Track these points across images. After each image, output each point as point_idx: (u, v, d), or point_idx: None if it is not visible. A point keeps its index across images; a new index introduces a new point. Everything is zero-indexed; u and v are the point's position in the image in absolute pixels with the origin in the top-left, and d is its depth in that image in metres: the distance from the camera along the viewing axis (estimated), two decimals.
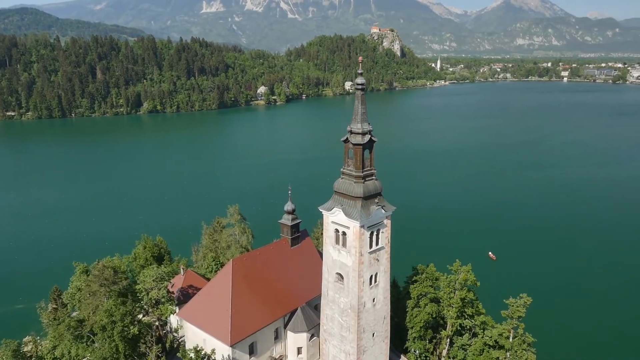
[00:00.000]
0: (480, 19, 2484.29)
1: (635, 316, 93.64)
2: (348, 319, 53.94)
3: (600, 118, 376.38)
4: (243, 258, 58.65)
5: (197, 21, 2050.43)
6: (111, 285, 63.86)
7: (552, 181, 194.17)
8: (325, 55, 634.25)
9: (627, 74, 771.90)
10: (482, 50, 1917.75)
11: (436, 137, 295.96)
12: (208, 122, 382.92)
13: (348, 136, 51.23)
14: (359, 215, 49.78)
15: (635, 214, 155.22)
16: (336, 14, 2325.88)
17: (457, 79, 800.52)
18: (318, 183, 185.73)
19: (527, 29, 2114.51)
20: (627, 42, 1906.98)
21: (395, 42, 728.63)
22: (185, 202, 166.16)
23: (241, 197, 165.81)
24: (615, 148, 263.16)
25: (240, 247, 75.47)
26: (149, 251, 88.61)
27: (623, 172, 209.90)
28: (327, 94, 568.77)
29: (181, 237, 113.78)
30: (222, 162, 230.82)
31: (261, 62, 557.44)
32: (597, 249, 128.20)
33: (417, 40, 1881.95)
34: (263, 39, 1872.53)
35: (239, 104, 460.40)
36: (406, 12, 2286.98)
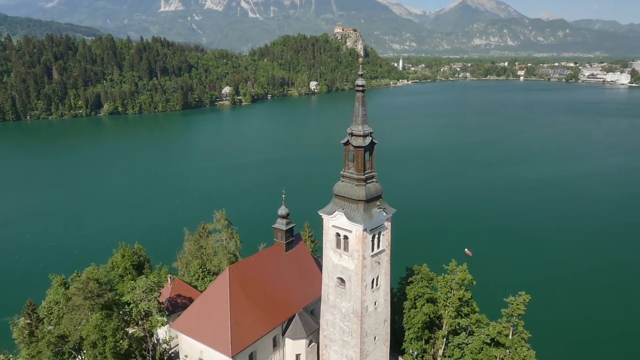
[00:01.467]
0: (439, 20, 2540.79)
1: (616, 307, 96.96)
2: (350, 323, 53.15)
3: (558, 116, 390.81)
4: (239, 265, 56.89)
5: (156, 20, 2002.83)
6: (96, 298, 60.71)
7: (519, 178, 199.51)
8: (289, 55, 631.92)
9: (579, 72, 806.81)
10: (441, 50, 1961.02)
11: (402, 137, 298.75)
12: (173, 123, 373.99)
13: (349, 138, 50.32)
14: (361, 219, 49.06)
15: (601, 208, 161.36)
16: (297, 14, 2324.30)
17: (419, 78, 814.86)
18: (294, 184, 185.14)
19: (484, 29, 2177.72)
20: (576, 42, 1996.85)
21: (358, 42, 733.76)
22: (160, 207, 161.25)
23: (218, 200, 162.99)
24: (573, 145, 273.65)
25: (228, 254, 73.42)
26: (128, 260, 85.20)
27: (584, 168, 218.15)
28: (292, 93, 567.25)
29: (160, 244, 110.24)
30: (192, 165, 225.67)
31: (225, 62, 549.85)
32: (573, 243, 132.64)
33: (378, 40, 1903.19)
34: (224, 38, 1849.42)
35: (203, 105, 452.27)
36: (367, 12, 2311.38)
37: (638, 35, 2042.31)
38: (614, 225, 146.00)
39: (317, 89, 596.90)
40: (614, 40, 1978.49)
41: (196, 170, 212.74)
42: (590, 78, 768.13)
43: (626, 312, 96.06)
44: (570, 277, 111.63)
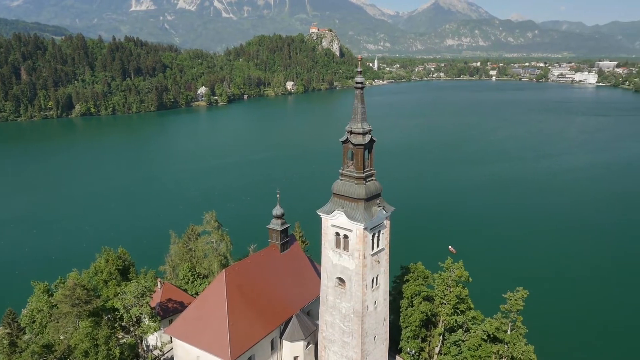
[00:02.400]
0: (412, 20, 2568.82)
1: (605, 299, 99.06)
2: (351, 324, 52.49)
3: (531, 115, 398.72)
4: (235, 267, 55.54)
5: (127, 20, 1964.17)
6: (83, 305, 58.51)
7: (498, 176, 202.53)
8: (265, 54, 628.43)
9: (549, 72, 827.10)
10: (414, 50, 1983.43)
11: (380, 137, 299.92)
12: (150, 124, 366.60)
13: (348, 136, 49.63)
14: (362, 218, 48.46)
15: (580, 203, 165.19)
16: (272, 14, 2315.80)
17: (394, 78, 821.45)
18: (277, 184, 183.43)
19: (456, 30, 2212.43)
20: (545, 42, 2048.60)
21: (334, 42, 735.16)
22: (142, 210, 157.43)
23: (201, 201, 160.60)
24: (548, 143, 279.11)
25: (219, 256, 71.79)
26: (113, 264, 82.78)
27: (559, 164, 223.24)
28: (269, 94, 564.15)
29: (144, 247, 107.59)
30: (173, 166, 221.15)
31: (200, 62, 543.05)
32: (557, 237, 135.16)
33: (353, 41, 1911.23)
34: (197, 38, 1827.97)
35: (179, 105, 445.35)
36: (341, 12, 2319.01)
37: (603, 37, 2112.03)
38: (595, 219, 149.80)
39: (294, 89, 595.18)
40: (580, 41, 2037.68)
41: (177, 172, 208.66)
42: (559, 78, 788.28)
43: (614, 303, 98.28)
44: (557, 271, 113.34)
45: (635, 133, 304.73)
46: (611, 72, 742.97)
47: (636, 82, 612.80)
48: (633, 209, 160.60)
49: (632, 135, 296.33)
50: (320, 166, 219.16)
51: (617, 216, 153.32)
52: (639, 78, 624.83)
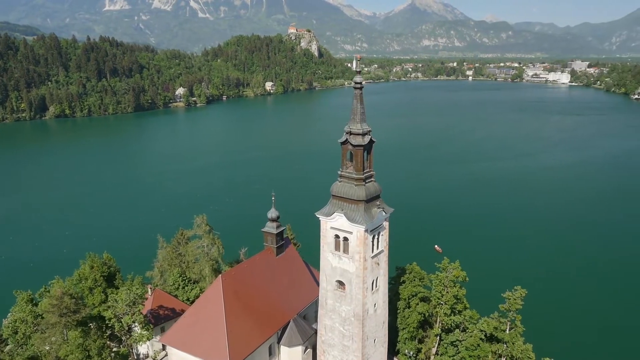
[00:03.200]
0: (389, 21, 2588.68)
1: (592, 295, 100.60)
2: (351, 327, 51.75)
3: (507, 114, 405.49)
4: (231, 272, 54.23)
5: (100, 19, 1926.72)
6: (72, 314, 56.34)
7: (480, 175, 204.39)
8: (243, 55, 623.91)
9: (523, 72, 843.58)
10: (391, 51, 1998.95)
11: None
12: (127, 125, 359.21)
13: (347, 137, 48.89)
14: (363, 220, 47.78)
15: (562, 201, 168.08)
16: (248, 14, 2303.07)
17: (372, 79, 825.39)
18: (260, 186, 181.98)
19: (432, 30, 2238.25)
20: (518, 43, 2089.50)
21: (312, 43, 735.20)
22: (125, 214, 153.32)
23: (185, 205, 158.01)
24: (525, 141, 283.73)
25: (210, 260, 70.16)
26: (98, 271, 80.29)
27: (538, 163, 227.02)
28: (248, 94, 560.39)
29: (130, 252, 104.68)
30: (154, 168, 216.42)
31: (177, 62, 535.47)
32: (542, 235, 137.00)
33: (330, 41, 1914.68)
34: (173, 38, 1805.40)
35: (156, 107, 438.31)
36: (318, 13, 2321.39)
37: (574, 37, 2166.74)
38: (581, 216, 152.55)
39: (273, 89, 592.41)
40: (552, 41, 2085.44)
41: (160, 174, 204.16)
42: (533, 78, 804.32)
43: (605, 298, 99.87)
44: (547, 268, 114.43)
45: (609, 132, 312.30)
46: (583, 72, 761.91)
47: (607, 82, 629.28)
48: (618, 205, 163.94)
49: (606, 134, 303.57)
50: (307, 167, 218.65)
51: (604, 212, 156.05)
52: (609, 78, 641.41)
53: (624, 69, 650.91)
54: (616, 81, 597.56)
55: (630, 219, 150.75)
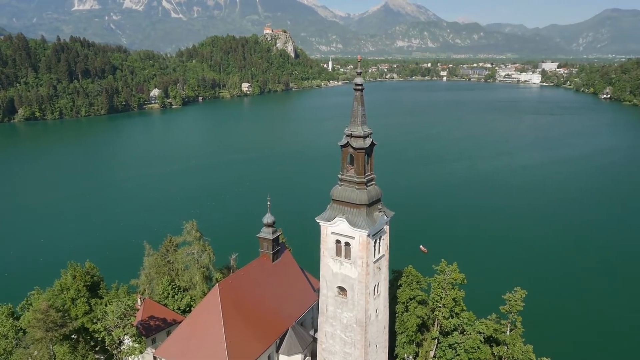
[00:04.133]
0: (363, 22, 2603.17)
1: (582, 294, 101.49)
2: (353, 334, 50.67)
3: (483, 114, 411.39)
4: (228, 281, 52.46)
5: (69, 19, 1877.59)
6: (59, 329, 53.62)
7: (460, 174, 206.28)
8: (219, 56, 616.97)
9: (496, 73, 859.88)
10: (366, 52, 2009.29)
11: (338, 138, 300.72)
12: (101, 128, 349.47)
13: (348, 140, 47.76)
14: (365, 224, 46.79)
15: (544, 198, 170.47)
16: (222, 14, 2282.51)
17: (349, 79, 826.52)
18: (240, 189, 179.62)
19: (406, 31, 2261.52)
20: (490, 44, 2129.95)
21: (288, 43, 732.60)
22: (105, 220, 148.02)
23: (166, 211, 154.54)
24: (502, 141, 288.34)
25: (201, 268, 67.98)
26: (80, 280, 77.26)
27: (515, 162, 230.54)
28: (224, 95, 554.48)
29: (112, 260, 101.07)
30: (130, 172, 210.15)
31: (151, 63, 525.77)
32: (526, 233, 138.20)
33: (305, 42, 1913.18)
34: (145, 39, 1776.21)
35: (131, 108, 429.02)
36: (293, 14, 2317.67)
37: (543, 39, 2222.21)
38: (563, 213, 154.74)
39: (250, 90, 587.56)
40: (522, 42, 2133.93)
41: (137, 178, 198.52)
42: (506, 78, 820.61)
43: (593, 295, 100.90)
44: (535, 267, 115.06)
45: (583, 131, 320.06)
46: (553, 72, 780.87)
47: (576, 82, 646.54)
48: (603, 202, 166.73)
49: (580, 133, 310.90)
50: (291, 168, 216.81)
51: (590, 210, 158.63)
52: (578, 78, 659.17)
53: (592, 70, 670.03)
54: (585, 81, 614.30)
55: (616, 216, 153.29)
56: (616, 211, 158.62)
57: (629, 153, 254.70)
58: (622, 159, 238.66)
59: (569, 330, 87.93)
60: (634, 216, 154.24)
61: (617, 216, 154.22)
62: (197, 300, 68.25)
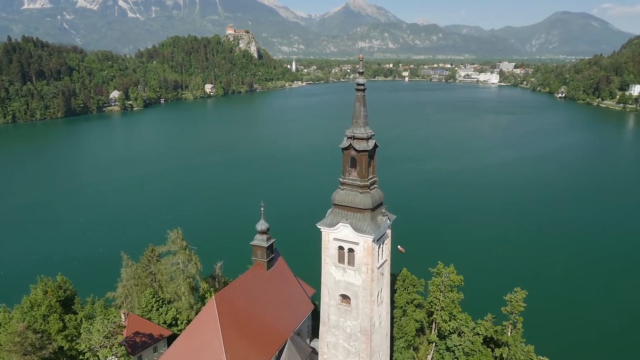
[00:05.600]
0: (324, 23, 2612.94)
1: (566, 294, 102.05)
2: (357, 343, 48.92)
3: (446, 113, 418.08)
4: (225, 293, 49.62)
5: (19, 18, 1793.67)
6: (38, 351, 49.38)
7: (429, 173, 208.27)
8: (180, 56, 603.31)
9: (456, 73, 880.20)
10: (328, 53, 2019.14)
11: (304, 140, 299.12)
12: (58, 132, 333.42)
13: (351, 142, 45.96)
14: (370, 229, 45.17)
15: (510, 196, 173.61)
16: (182, 14, 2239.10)
17: (312, 80, 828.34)
18: (211, 193, 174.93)
19: (367, 33, 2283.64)
20: (448, 45, 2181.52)
21: (251, 44, 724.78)
22: (73, 229, 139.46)
23: (136, 217, 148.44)
24: (467, 140, 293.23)
25: (187, 278, 64.49)
26: (52, 295, 72.44)
27: (482, 160, 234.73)
28: (187, 97, 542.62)
29: (86, 272, 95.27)
30: (92, 178, 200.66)
31: (110, 64, 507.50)
32: (499, 231, 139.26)
33: (267, 43, 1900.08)
34: (101, 39, 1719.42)
35: (89, 111, 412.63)
36: (254, 14, 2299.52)
37: (498, 40, 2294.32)
38: (534, 212, 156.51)
39: (213, 92, 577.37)
40: (478, 43, 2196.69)
41: (101, 184, 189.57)
42: (466, 78, 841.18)
43: (581, 296, 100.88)
44: (516, 266, 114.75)
45: (541, 129, 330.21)
46: (510, 72, 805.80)
47: (533, 82, 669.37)
48: (580, 199, 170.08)
49: (540, 131, 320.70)
50: (267, 170, 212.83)
51: (567, 207, 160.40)
52: (534, 78, 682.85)
53: (547, 70, 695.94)
54: (541, 81, 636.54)
55: (599, 212, 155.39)
56: (597, 208, 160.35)
57: (592, 149, 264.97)
58: (586, 156, 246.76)
59: (566, 329, 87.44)
60: (616, 211, 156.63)
61: (599, 212, 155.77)
62: (183, 312, 64.87)
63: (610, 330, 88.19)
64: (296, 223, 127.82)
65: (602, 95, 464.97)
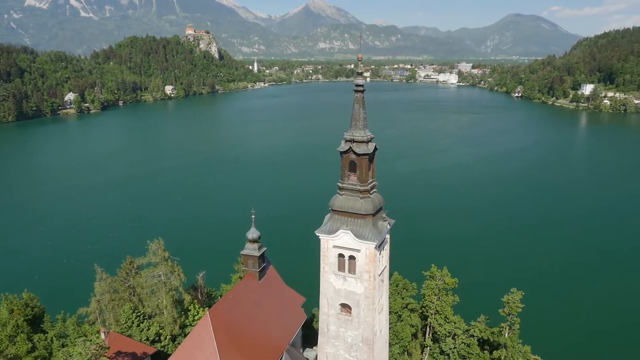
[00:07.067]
0: (284, 24, 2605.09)
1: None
2: (359, 353, 47.22)
3: (409, 113, 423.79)
4: (219, 307, 46.80)
5: None
6: None
7: (398, 172, 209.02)
8: (139, 57, 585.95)
9: (416, 73, 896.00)
10: (289, 53, 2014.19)
11: (271, 142, 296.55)
12: (9, 137, 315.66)
13: (350, 145, 44.22)
14: (372, 236, 43.55)
15: (484, 197, 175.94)
16: (137, 14, 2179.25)
17: (275, 81, 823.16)
18: (178, 197, 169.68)
19: (327, 33, 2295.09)
20: (407, 46, 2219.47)
21: (212, 45, 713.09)
22: (30, 242, 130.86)
23: (103, 225, 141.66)
24: (432, 139, 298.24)
25: (171, 291, 60.99)
26: (20, 314, 67.64)
27: (449, 160, 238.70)
28: (147, 99, 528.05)
29: (53, 288, 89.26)
30: (49, 185, 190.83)
31: (64, 65, 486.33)
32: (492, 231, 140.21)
33: (227, 43, 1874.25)
34: (52, 39, 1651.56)
35: (43, 114, 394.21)
36: (212, 14, 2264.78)
37: (455, 41, 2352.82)
38: (514, 210, 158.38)
39: (174, 93, 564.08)
40: (436, 44, 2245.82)
41: (65, 191, 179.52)
42: (426, 78, 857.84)
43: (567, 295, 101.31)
44: (502, 267, 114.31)
45: (505, 128, 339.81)
46: (468, 73, 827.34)
47: (490, 82, 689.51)
48: (560, 197, 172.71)
49: (504, 130, 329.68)
50: (231, 173, 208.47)
51: (545, 205, 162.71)
52: (492, 78, 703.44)
53: (503, 70, 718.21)
54: (498, 81, 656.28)
55: (583, 212, 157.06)
56: (581, 205, 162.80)
57: (555, 146, 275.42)
58: (553, 153, 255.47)
59: (560, 328, 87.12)
60: (604, 208, 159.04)
61: (584, 210, 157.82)
62: (167, 327, 61.38)
63: (604, 328, 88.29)
64: (282, 228, 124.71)
65: (556, 94, 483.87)
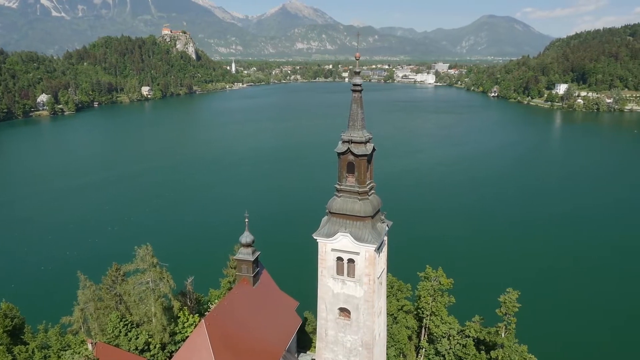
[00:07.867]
0: (262, 24, 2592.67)
1: None
2: (359, 357, 46.37)
3: (389, 113, 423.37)
4: (214, 315, 45.36)
5: None
6: None
7: (385, 172, 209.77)
8: (114, 58, 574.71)
9: (394, 74, 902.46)
10: (267, 54, 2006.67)
11: (252, 143, 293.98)
12: None
13: (349, 146, 43.29)
14: (372, 238, 42.75)
15: (472, 196, 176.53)
16: (111, 14, 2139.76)
17: (253, 81, 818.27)
18: (160, 200, 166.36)
19: (305, 34, 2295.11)
20: (384, 47, 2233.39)
21: (189, 45, 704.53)
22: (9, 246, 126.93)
23: (79, 228, 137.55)
24: (414, 139, 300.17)
25: (160, 298, 58.97)
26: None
27: (432, 159, 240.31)
28: (123, 100, 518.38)
29: (34, 297, 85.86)
30: (23, 189, 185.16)
31: (36, 66, 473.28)
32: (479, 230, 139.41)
33: (203, 44, 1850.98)
34: (22, 39, 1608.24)
35: (14, 116, 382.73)
36: (189, 15, 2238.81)
37: (431, 41, 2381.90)
38: (501, 209, 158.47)
39: (150, 94, 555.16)
40: (413, 45, 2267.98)
41: (33, 197, 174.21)
42: (403, 79, 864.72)
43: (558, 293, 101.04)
44: (497, 267, 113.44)
45: (484, 126, 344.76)
46: (445, 73, 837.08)
47: (467, 82, 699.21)
48: (551, 195, 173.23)
49: (483, 129, 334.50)
50: (210, 175, 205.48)
51: (536, 204, 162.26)
52: (468, 78, 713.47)
53: (479, 70, 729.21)
54: (474, 81, 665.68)
55: (573, 210, 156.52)
56: (571, 203, 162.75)
57: (535, 144, 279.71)
58: (533, 151, 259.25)
59: (555, 327, 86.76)
60: (599, 206, 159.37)
61: (574, 208, 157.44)
62: (156, 335, 59.37)
63: (600, 328, 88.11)
64: (271, 231, 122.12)
65: (531, 94, 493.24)
